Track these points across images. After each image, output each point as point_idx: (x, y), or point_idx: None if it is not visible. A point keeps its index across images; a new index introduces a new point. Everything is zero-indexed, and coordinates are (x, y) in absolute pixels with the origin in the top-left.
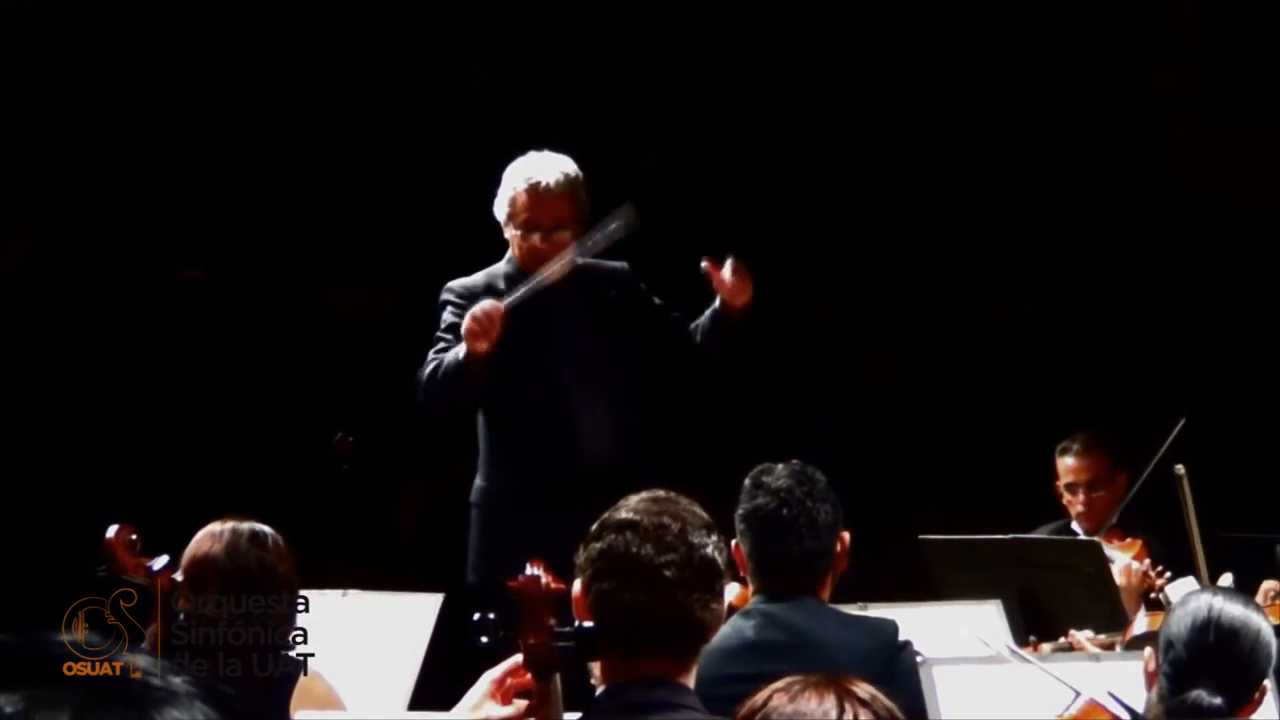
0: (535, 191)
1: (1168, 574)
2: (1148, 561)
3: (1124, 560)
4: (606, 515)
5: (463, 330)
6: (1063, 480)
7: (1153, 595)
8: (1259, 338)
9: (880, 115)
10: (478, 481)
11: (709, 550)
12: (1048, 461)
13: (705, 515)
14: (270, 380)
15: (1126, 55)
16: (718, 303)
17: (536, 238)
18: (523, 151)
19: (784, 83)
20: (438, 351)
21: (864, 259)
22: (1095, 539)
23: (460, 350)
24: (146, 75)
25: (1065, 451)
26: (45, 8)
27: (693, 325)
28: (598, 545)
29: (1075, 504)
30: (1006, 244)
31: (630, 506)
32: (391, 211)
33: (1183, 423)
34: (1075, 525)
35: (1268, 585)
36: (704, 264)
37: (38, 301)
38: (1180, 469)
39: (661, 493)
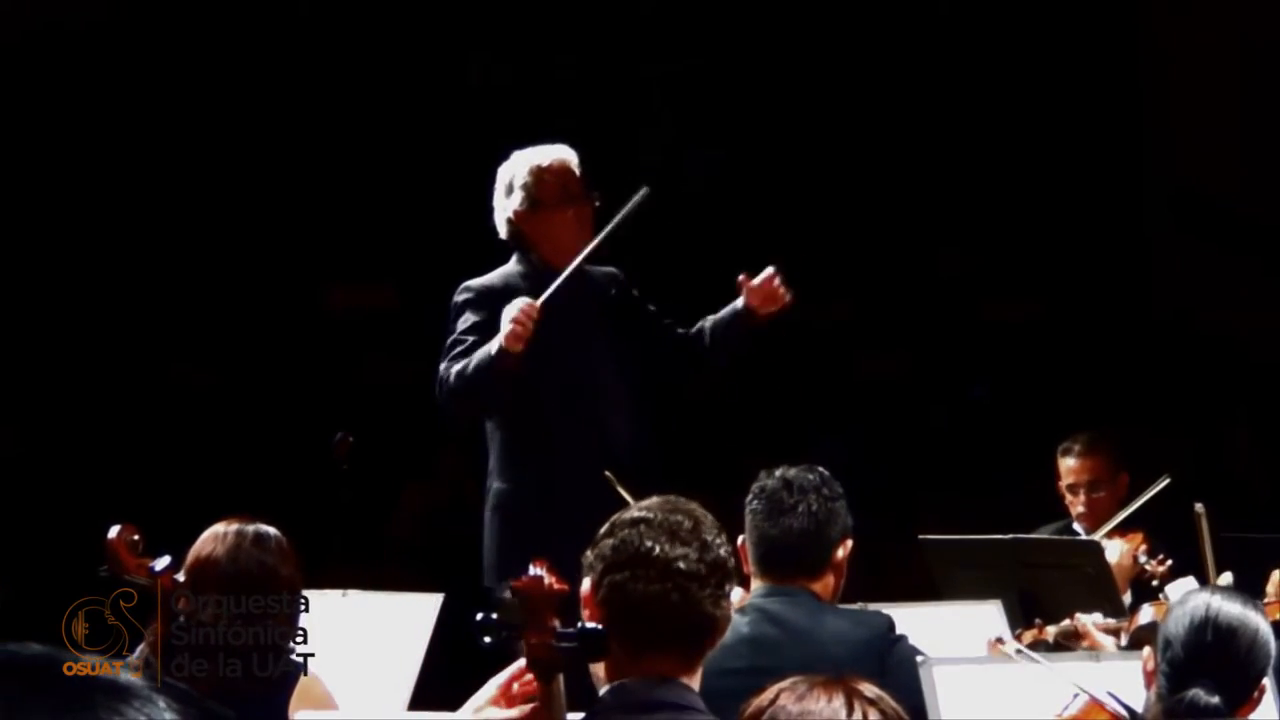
0: (563, 165)
1: (1169, 562)
2: (1143, 548)
3: (1117, 545)
4: (617, 516)
5: (504, 329)
6: (1064, 481)
7: (1154, 584)
8: (1259, 338)
9: (880, 115)
10: (495, 484)
11: (721, 550)
12: (1049, 461)
13: (714, 519)
14: (270, 380)
15: (1127, 55)
16: (741, 304)
17: (572, 212)
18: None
19: (784, 83)
20: (460, 352)
21: (864, 259)
22: (1095, 539)
23: (491, 348)
24: (148, 75)
25: (1067, 452)
26: (46, 10)
27: (704, 323)
28: (610, 541)
29: (1076, 504)
30: (1006, 244)
31: (642, 505)
32: (390, 211)
33: (1166, 480)
34: (1076, 525)
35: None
36: (741, 278)
37: (37, 301)
38: (1200, 508)
39: (673, 496)
